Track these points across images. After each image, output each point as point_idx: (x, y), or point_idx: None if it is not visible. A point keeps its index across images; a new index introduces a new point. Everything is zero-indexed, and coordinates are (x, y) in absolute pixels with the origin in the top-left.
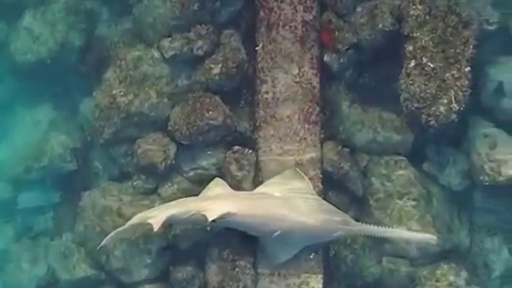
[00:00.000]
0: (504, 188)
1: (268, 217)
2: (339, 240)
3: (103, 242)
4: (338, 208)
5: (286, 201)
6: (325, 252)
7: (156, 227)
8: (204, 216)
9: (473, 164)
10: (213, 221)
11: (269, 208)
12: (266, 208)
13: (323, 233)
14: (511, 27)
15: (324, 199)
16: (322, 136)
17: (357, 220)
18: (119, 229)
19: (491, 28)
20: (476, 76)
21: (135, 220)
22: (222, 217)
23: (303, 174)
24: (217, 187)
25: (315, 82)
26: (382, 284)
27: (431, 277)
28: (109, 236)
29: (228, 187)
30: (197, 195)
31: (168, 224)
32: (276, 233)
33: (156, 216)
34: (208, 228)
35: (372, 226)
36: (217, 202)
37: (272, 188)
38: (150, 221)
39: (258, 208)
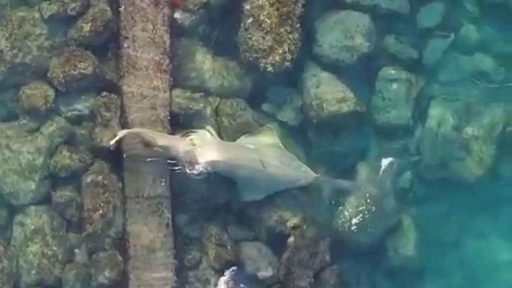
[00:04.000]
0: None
1: (245, 164)
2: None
3: (112, 142)
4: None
5: (260, 151)
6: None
7: (153, 143)
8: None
9: (304, 101)
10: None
11: (247, 157)
12: (245, 157)
13: (288, 180)
14: None
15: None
16: (171, 83)
17: (316, 172)
18: (124, 131)
19: None
20: (309, 28)
21: (141, 130)
22: (209, 162)
23: (273, 129)
24: (205, 135)
25: (166, 37)
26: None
27: None
28: (116, 138)
29: (215, 135)
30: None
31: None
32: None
33: (156, 138)
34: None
35: (328, 177)
36: (205, 149)
37: (248, 140)
38: (150, 138)
39: (238, 156)
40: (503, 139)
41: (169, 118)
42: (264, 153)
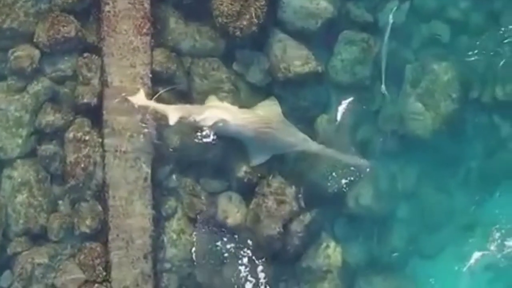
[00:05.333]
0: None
1: (253, 126)
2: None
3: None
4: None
5: (264, 117)
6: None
7: (169, 119)
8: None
9: (271, 64)
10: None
11: (252, 120)
12: (250, 120)
13: (287, 145)
14: None
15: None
16: (152, 45)
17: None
18: (140, 100)
19: None
20: None
21: (157, 105)
22: (216, 122)
23: (276, 100)
24: (212, 102)
25: (146, 3)
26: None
27: None
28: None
29: (219, 102)
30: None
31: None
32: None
33: (171, 111)
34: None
35: (324, 147)
36: (214, 111)
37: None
38: (167, 113)
39: (243, 119)
40: (458, 95)
41: (150, 75)
42: (269, 117)
